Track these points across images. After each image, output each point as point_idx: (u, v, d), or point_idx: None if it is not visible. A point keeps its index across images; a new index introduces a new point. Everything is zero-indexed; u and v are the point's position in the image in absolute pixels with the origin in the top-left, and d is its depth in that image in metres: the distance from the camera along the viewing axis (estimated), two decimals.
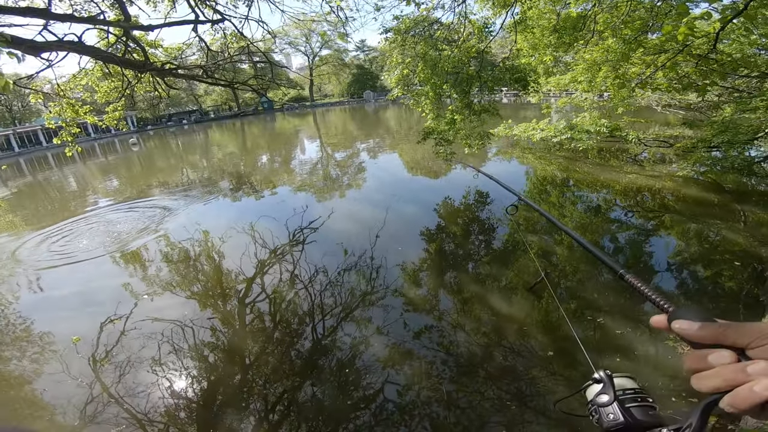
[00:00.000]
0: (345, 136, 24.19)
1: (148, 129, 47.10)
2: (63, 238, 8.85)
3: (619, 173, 9.23)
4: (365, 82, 58.12)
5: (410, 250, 6.14)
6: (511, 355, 3.70)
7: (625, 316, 3.99)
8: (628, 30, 5.28)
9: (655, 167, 9.53)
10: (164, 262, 6.73)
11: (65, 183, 18.40)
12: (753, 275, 4.47)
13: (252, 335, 4.51)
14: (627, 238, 6.10)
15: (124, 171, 19.89)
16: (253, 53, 8.88)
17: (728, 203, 6.80)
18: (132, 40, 7.55)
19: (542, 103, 12.67)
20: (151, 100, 30.32)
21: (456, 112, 7.89)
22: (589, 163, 10.32)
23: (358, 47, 60.37)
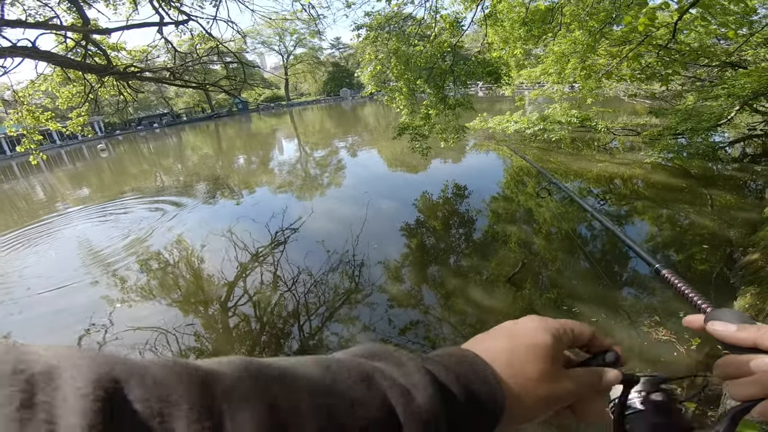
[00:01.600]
0: (323, 135, 24.00)
1: (116, 134, 45.49)
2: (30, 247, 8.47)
3: (591, 162, 9.48)
4: (342, 79, 57.75)
5: (391, 247, 6.15)
6: None
7: (601, 303, 4.11)
8: (593, 22, 5.41)
9: (625, 155, 9.84)
10: (142, 270, 6.53)
11: (31, 192, 17.61)
12: (723, 258, 4.65)
13: (238, 339, 4.44)
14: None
15: (94, 178, 19.17)
16: (224, 53, 8.70)
17: (695, 188, 7.08)
18: (92, 44, 7.29)
19: (516, 96, 12.88)
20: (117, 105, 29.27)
21: (430, 107, 7.93)
22: (562, 153, 10.57)
23: (333, 45, 59.90)
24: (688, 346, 3.28)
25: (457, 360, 0.35)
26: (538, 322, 0.41)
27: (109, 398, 0.20)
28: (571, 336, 0.42)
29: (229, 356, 0.28)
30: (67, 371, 0.20)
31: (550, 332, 0.40)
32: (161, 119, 51.55)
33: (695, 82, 10.71)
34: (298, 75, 60.69)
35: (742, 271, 4.19)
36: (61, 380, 0.20)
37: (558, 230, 6.14)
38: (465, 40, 8.23)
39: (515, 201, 7.77)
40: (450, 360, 0.35)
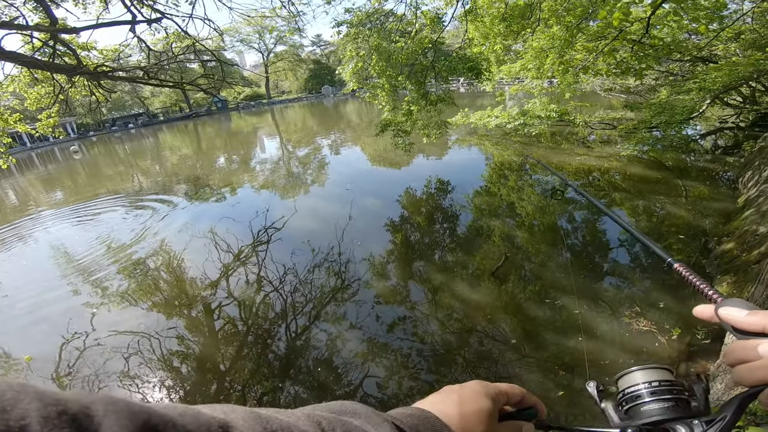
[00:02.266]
0: (305, 132, 23.76)
1: (90, 135, 43.98)
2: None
3: (570, 155, 9.67)
4: (323, 77, 57.18)
5: (376, 244, 6.14)
6: (485, 340, 3.77)
7: (583, 295, 4.19)
8: (570, 17, 5.50)
9: (602, 148, 10.07)
10: (121, 273, 6.35)
11: (3, 196, 16.91)
12: (699, 247, 4.80)
13: (225, 341, 4.36)
14: (582, 217, 6.41)
15: (68, 180, 18.52)
16: (201, 52, 8.52)
17: (670, 179, 7.30)
18: (61, 44, 7.03)
19: (496, 91, 13.03)
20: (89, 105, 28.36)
21: (412, 103, 7.94)
22: (542, 147, 10.75)
23: (314, 42, 59.22)
24: (668, 337, 3.38)
25: (420, 421, 0.42)
26: (480, 388, 0.49)
27: None
28: (506, 398, 0.51)
29: (230, 405, 0.32)
30: (108, 416, 0.21)
31: (490, 397, 0.48)
32: (137, 119, 50.09)
33: (668, 77, 11.04)
34: (279, 73, 59.81)
35: (717, 260, 4.33)
36: (104, 424, 0.21)
37: (540, 223, 6.25)
38: (446, 36, 8.27)
39: (498, 195, 7.86)
40: (415, 420, 0.42)
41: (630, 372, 0.56)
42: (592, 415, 2.77)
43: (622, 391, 0.55)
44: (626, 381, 0.56)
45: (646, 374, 0.54)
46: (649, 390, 0.52)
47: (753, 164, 6.54)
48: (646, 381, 0.53)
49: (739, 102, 9.88)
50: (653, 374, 0.54)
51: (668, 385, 0.52)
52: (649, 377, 0.53)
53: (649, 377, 0.53)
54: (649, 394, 0.52)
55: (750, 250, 3.99)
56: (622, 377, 0.57)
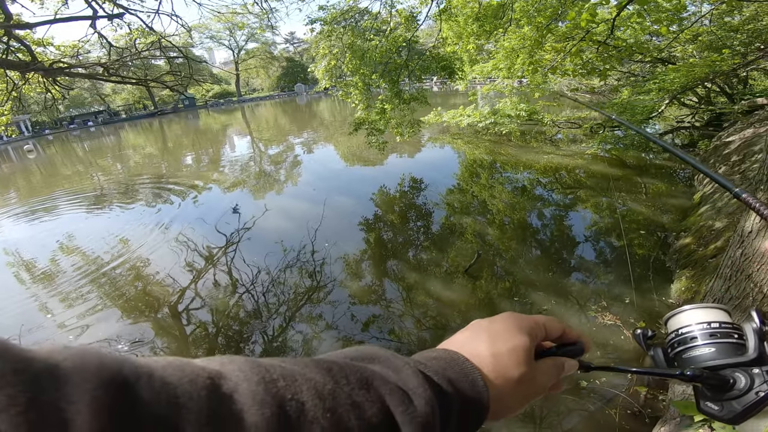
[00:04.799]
0: (277, 131, 23.34)
1: (46, 134, 41.51)
2: None
3: (539, 154, 9.95)
4: (296, 74, 56.39)
5: (350, 243, 6.10)
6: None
7: (552, 290, 4.32)
8: (540, 18, 5.64)
9: (568, 147, 10.41)
10: (82, 278, 6.01)
11: None
12: (659, 242, 5.03)
13: (195, 344, 4.22)
14: (550, 213, 6.60)
15: (22, 181, 17.41)
16: (167, 48, 8.21)
17: (631, 177, 7.63)
18: (15, 40, 6.63)
19: (469, 91, 13.22)
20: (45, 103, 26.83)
21: (386, 102, 7.94)
22: (512, 145, 11.00)
23: (287, 39, 58.27)
24: (633, 330, 3.52)
25: (448, 363, 0.38)
26: (514, 321, 0.43)
27: (118, 400, 0.20)
28: (543, 332, 0.45)
29: (231, 356, 0.28)
30: (75, 372, 0.20)
31: (526, 332, 0.42)
32: (96, 117, 47.68)
33: (630, 77, 11.54)
34: (250, 70, 58.46)
35: (676, 255, 4.55)
36: (69, 381, 0.19)
37: (511, 220, 6.39)
38: (420, 35, 8.32)
39: (469, 193, 7.99)
40: (442, 364, 0.38)
41: (683, 311, 0.50)
42: None
43: (675, 331, 0.49)
44: (678, 321, 0.50)
45: (701, 314, 0.48)
46: (706, 332, 0.46)
47: (708, 162, 6.94)
48: (701, 321, 0.47)
49: (695, 102, 10.46)
50: (709, 314, 0.48)
51: (728, 328, 0.46)
52: (705, 317, 0.48)
53: (705, 317, 0.48)
54: (704, 336, 0.46)
55: (707, 245, 4.21)
56: (672, 317, 0.51)
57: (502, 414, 0.40)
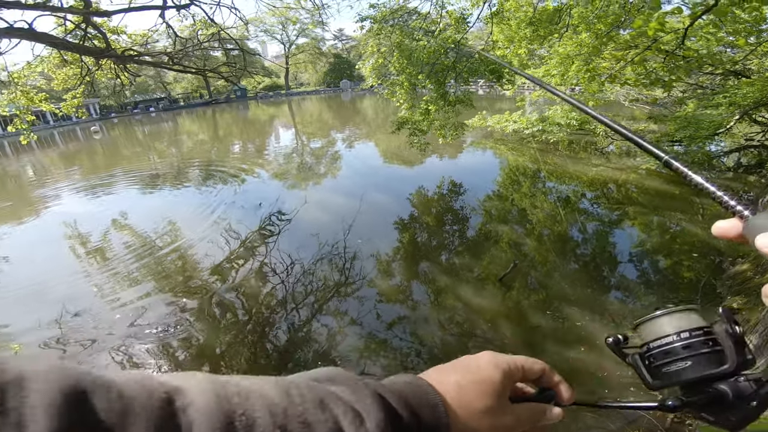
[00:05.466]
0: (321, 125, 23.85)
1: (111, 117, 44.87)
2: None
3: (587, 165, 9.52)
4: (342, 71, 57.22)
5: (383, 240, 6.14)
6: (486, 345, 3.76)
7: (588, 306, 4.15)
8: (601, 25, 5.38)
9: (620, 160, 9.87)
10: (129, 254, 6.47)
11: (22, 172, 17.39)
12: (711, 267, 4.69)
13: (225, 328, 4.40)
14: (593, 228, 6.31)
15: (85, 159, 18.94)
16: (225, 40, 8.58)
17: (688, 196, 7.12)
18: (92, 27, 7.16)
19: (516, 96, 12.85)
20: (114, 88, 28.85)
21: (430, 103, 7.89)
22: (559, 155, 10.59)
23: (335, 36, 59.21)
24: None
25: (410, 388, 0.38)
26: (491, 358, 0.44)
27: (74, 408, 0.22)
28: (521, 372, 0.45)
29: (195, 372, 0.31)
30: (38, 381, 0.22)
31: (500, 369, 0.42)
32: (158, 103, 50.88)
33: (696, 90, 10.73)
34: (299, 65, 60.05)
35: (729, 281, 4.23)
36: (32, 389, 0.22)
37: (551, 232, 6.17)
38: (469, 36, 8.19)
39: (509, 200, 7.79)
40: (404, 387, 0.38)
41: (653, 318, 0.46)
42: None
43: (648, 344, 0.46)
44: (650, 331, 0.46)
45: (673, 321, 0.44)
46: (681, 344, 0.43)
47: None
48: (676, 332, 0.43)
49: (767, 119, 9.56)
50: (683, 321, 0.44)
51: (700, 335, 0.42)
52: (677, 325, 0.44)
53: (678, 325, 0.44)
54: (682, 348, 0.43)
55: (764, 273, 3.89)
56: (643, 324, 0.48)
57: None
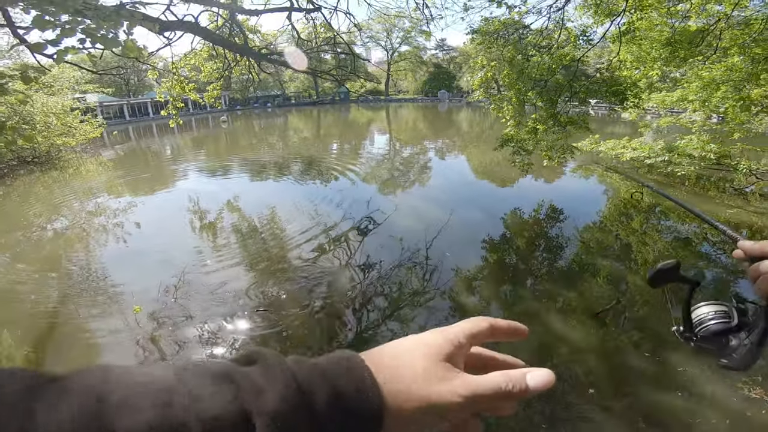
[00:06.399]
0: (415, 133, 24.21)
1: (236, 109, 50.88)
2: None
3: (719, 206, 8.20)
4: (441, 81, 57.45)
5: (470, 256, 6.02)
6: (557, 377, 3.50)
7: (693, 354, 3.62)
8: (759, 48, 4.66)
9: (761, 203, 8.33)
10: (233, 232, 7.26)
11: (162, 151, 20.60)
12: None
13: (301, 315, 4.64)
14: (713, 276, 5.46)
15: (211, 144, 21.78)
16: (338, 44, 9.17)
17: None
18: (236, 24, 8.17)
19: (639, 122, 11.56)
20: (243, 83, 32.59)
21: (539, 122, 7.51)
22: (684, 190, 9.29)
23: (438, 46, 59.73)
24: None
25: (333, 361, 0.34)
26: (429, 336, 0.39)
27: None
28: (468, 333, 0.40)
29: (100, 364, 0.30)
30: None
31: (441, 332, 0.38)
32: (274, 99, 56.41)
33: None
34: (400, 72, 61.73)
35: None
36: None
37: None
38: (588, 54, 7.63)
39: (613, 234, 7.06)
40: (326, 361, 0.34)
41: (699, 306, 0.84)
42: None
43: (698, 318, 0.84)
44: (698, 312, 0.83)
45: (709, 308, 0.81)
46: (712, 317, 0.80)
47: None
48: (710, 312, 0.81)
49: None
50: (713, 307, 0.81)
51: (722, 314, 0.78)
52: (712, 309, 0.81)
53: (713, 309, 0.81)
54: (711, 318, 0.80)
55: None
56: (695, 309, 0.84)
57: (407, 421, 0.33)
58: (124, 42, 2.08)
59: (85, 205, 9.83)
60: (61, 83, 16.72)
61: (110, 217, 8.62)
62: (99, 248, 6.97)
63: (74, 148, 17.60)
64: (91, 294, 5.32)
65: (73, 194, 10.86)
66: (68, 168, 14.80)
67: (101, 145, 21.66)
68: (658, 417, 3.08)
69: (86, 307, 4.96)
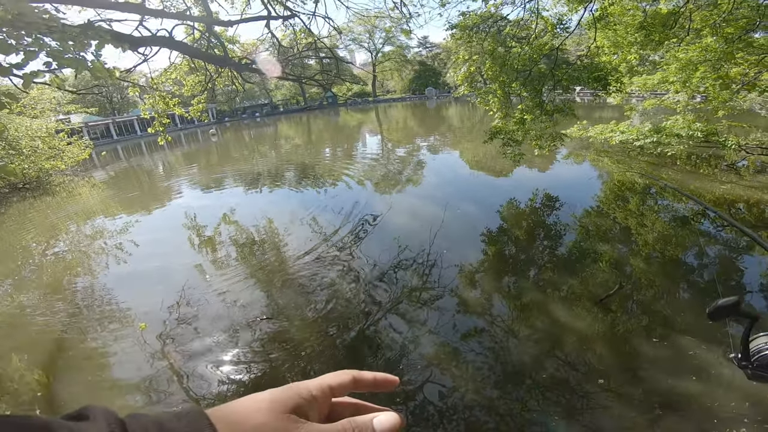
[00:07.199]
0: (406, 132, 24.22)
1: (225, 121, 50.76)
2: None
3: (712, 182, 8.25)
4: (427, 78, 57.58)
5: (468, 250, 6.01)
6: (564, 367, 3.53)
7: (703, 336, 3.64)
8: (730, 28, 4.70)
9: (755, 177, 8.39)
10: (232, 245, 7.23)
11: (154, 168, 20.51)
12: None
13: (304, 321, 4.65)
14: (717, 252, 5.46)
15: (203, 158, 21.69)
16: (320, 49, 9.15)
17: None
18: (213, 36, 8.13)
19: (624, 105, 11.61)
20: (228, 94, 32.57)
21: (526, 112, 7.52)
22: (676, 169, 9.33)
23: (420, 44, 59.85)
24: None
25: (174, 415, 0.34)
26: (288, 385, 0.40)
27: None
28: (326, 389, 0.42)
29: None
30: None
31: (293, 387, 0.40)
32: (262, 109, 56.34)
33: None
34: (386, 72, 61.80)
35: None
36: None
37: (661, 255, 5.47)
38: (567, 42, 7.65)
39: (611, 218, 7.08)
40: (166, 416, 0.34)
41: (758, 336, 0.82)
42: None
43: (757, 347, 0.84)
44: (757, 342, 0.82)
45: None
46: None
47: None
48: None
49: None
50: None
51: None
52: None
53: None
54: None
55: None
56: (753, 340, 0.82)
57: None
58: (92, 63, 2.04)
59: (82, 228, 9.77)
60: (42, 105, 16.57)
61: (108, 239, 8.57)
62: (100, 270, 6.96)
63: (64, 171, 17.47)
64: (96, 314, 5.34)
65: (69, 218, 10.80)
66: (61, 192, 14.70)
67: (92, 167, 21.54)
68: (676, 402, 3.05)
69: (93, 328, 5.00)
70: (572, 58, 9.74)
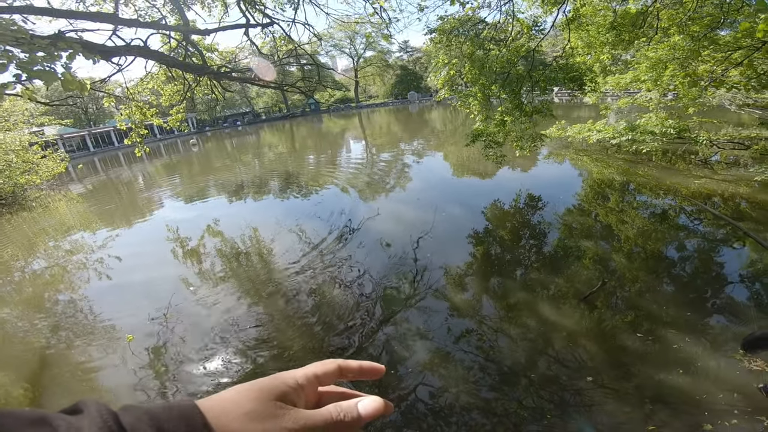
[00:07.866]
0: (390, 137, 24.31)
1: (206, 130, 50.08)
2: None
3: (687, 177, 8.51)
4: (409, 82, 58.06)
5: (456, 253, 6.05)
6: (555, 364, 3.57)
7: (687, 330, 3.74)
8: (696, 26, 4.88)
9: (728, 170, 8.70)
10: (217, 256, 7.12)
11: (133, 180, 20.07)
12: None
13: (293, 329, 4.62)
14: (694, 245, 5.62)
15: (185, 169, 21.32)
16: (301, 56, 9.13)
17: None
18: (191, 45, 8.02)
19: (600, 104, 11.92)
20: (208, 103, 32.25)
21: (506, 114, 7.64)
22: (652, 166, 9.60)
23: (401, 48, 60.37)
24: (761, 387, 3.00)
25: (165, 407, 0.35)
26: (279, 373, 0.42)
27: None
28: (312, 377, 0.43)
29: None
30: None
31: (279, 376, 0.41)
32: (243, 117, 55.82)
33: None
34: (368, 77, 62.09)
35: None
36: None
37: (642, 249, 5.60)
38: (543, 44, 7.82)
39: (592, 215, 7.23)
40: (157, 407, 0.35)
41: None
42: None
43: None
44: None
45: None
46: None
47: None
48: None
49: None
50: None
51: None
52: None
53: None
54: None
55: None
56: None
57: None
58: (62, 75, 1.99)
59: (60, 243, 9.48)
60: (15, 117, 16.02)
61: (89, 253, 8.34)
62: (82, 285, 6.79)
63: (40, 186, 16.93)
64: (80, 328, 5.26)
65: (47, 233, 10.47)
66: (37, 207, 14.25)
67: (69, 180, 20.94)
68: (666, 396, 3.10)
69: (79, 342, 4.92)
70: (549, 59, 9.96)
